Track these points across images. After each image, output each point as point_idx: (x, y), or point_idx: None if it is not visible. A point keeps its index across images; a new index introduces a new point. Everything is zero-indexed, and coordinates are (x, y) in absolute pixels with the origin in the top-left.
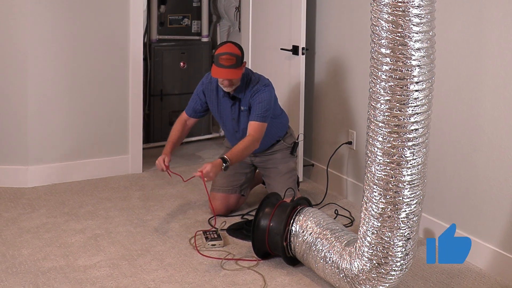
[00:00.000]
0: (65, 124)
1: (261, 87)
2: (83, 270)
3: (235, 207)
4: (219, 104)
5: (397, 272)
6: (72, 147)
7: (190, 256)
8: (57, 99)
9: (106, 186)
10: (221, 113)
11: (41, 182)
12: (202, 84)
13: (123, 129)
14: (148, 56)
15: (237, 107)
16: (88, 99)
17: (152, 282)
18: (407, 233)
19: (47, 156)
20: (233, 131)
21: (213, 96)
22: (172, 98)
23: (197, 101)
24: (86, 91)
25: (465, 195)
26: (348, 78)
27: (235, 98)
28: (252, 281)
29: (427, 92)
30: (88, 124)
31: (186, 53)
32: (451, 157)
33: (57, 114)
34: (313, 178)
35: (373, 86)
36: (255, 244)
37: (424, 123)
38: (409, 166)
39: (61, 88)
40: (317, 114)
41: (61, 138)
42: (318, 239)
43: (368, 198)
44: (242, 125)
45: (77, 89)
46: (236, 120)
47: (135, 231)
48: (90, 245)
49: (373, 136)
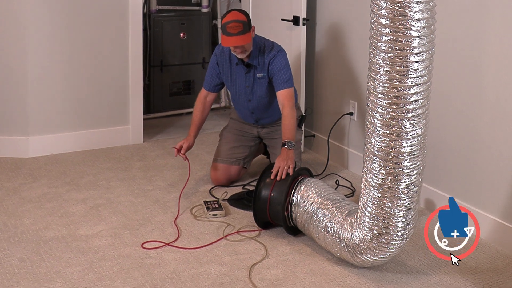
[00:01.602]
0: (66, 94)
1: (277, 52)
2: (85, 239)
3: (236, 177)
4: (232, 74)
5: (398, 241)
6: (72, 118)
7: (191, 225)
8: (57, 70)
9: (107, 156)
10: (234, 82)
11: (42, 152)
12: (215, 55)
13: (124, 99)
14: (148, 27)
15: (252, 75)
16: (88, 70)
17: (153, 251)
18: (407, 203)
19: (47, 126)
20: (246, 100)
21: (226, 66)
22: (172, 69)
23: (213, 74)
24: (86, 62)
25: (466, 165)
26: (350, 49)
27: (250, 66)
28: (254, 250)
29: (427, 63)
30: (88, 95)
31: (186, 23)
32: (452, 127)
33: (57, 85)
34: (314, 148)
35: (373, 57)
36: (256, 214)
37: (424, 94)
38: (409, 137)
39: (61, 59)
40: (318, 85)
41: (61, 109)
42: (319, 209)
43: (368, 169)
44: (257, 93)
45: (77, 60)
46: (250, 88)
47: (136, 201)
48: (92, 215)
49: (373, 108)
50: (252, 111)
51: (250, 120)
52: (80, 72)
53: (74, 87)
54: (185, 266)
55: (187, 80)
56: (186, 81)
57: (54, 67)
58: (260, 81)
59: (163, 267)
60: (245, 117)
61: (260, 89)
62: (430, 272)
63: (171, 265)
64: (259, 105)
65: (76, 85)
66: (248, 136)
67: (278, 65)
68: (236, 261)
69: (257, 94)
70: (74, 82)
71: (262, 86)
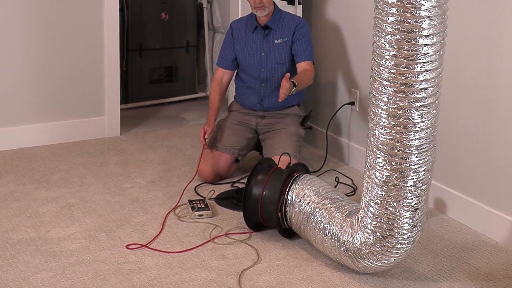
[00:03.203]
0: (34, 82)
1: (304, 23)
2: (56, 242)
3: (225, 171)
4: (247, 42)
5: (404, 245)
6: (42, 108)
7: (174, 227)
8: (23, 55)
9: (80, 150)
10: (248, 51)
11: (8, 146)
12: (230, 27)
13: (99, 88)
14: (125, 6)
15: (270, 40)
16: (58, 55)
17: (133, 256)
18: (414, 203)
19: (14, 117)
20: (259, 70)
21: (242, 34)
22: (153, 54)
23: (229, 47)
24: (56, 46)
25: (481, 161)
26: (351, 31)
27: (268, 28)
28: (244, 254)
29: (438, 47)
30: (59, 82)
31: (168, 2)
32: (466, 118)
33: (24, 71)
34: (311, 142)
35: (377, 40)
36: (246, 214)
37: (434, 81)
38: (417, 129)
39: (28, 43)
40: (316, 72)
41: (29, 98)
42: (316, 209)
43: (371, 165)
44: (273, 59)
45: (45, 44)
46: (266, 55)
47: (113, 200)
48: (64, 215)
49: (377, 96)
50: (263, 83)
51: (254, 101)
52: (49, 58)
53: (43, 73)
54: (167, 272)
55: (169, 66)
56: (168, 67)
57: (20, 52)
58: (278, 46)
59: (143, 273)
60: (249, 98)
61: (278, 55)
62: (440, 279)
63: (152, 271)
64: (273, 75)
65: (45, 71)
66: (247, 126)
67: (306, 36)
68: (224, 267)
69: (273, 61)
70: (42, 68)
71: (281, 51)
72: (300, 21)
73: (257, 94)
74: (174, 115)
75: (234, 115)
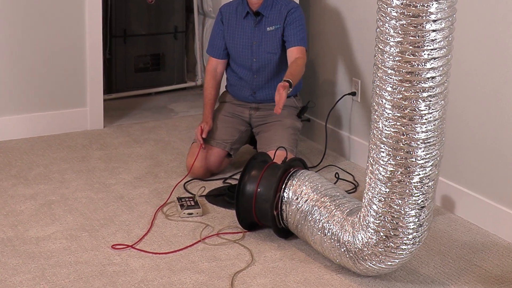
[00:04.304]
0: (10, 71)
1: (297, 7)
2: (35, 242)
3: (216, 166)
4: (237, 29)
5: (409, 246)
6: (19, 98)
7: (162, 226)
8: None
9: (60, 144)
10: (239, 39)
11: None
12: (220, 12)
13: (80, 77)
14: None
15: (261, 28)
16: (37, 41)
17: (117, 257)
18: (420, 200)
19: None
20: (250, 60)
21: (232, 20)
22: (138, 40)
23: (219, 34)
24: (34, 32)
25: (492, 156)
26: (353, 15)
27: (260, 15)
28: (237, 256)
29: (446, 32)
30: (37, 71)
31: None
32: (476, 109)
33: (0, 58)
34: (310, 135)
35: (381, 25)
36: (240, 213)
37: (443, 70)
38: (424, 121)
39: (3, 27)
40: (314, 59)
41: (5, 87)
42: (315, 207)
43: (374, 160)
44: (266, 48)
45: (22, 29)
46: (257, 44)
47: (96, 197)
48: (43, 214)
49: (381, 86)
50: (255, 74)
51: (247, 93)
52: (26, 44)
53: (21, 62)
54: (155, 274)
55: (156, 54)
56: (154, 54)
57: None
58: (270, 34)
59: (129, 275)
60: (241, 89)
61: (270, 44)
62: (448, 282)
63: (138, 273)
64: (265, 65)
65: (22, 59)
66: (239, 118)
67: (298, 20)
68: (216, 269)
69: (265, 51)
70: (20, 56)
71: (273, 40)
72: (293, 6)
73: (249, 86)
74: (162, 106)
75: (225, 107)
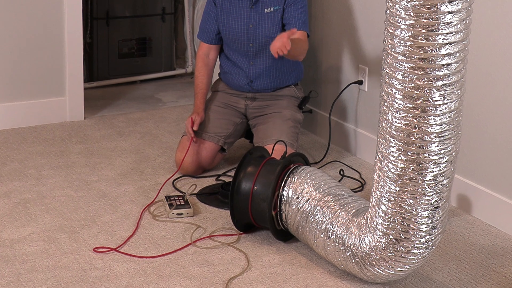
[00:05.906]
0: None
1: None
2: (9, 244)
3: (208, 162)
4: (232, 11)
5: (421, 250)
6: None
7: (149, 228)
8: None
9: (37, 137)
10: (234, 22)
11: None
12: None
13: (58, 63)
14: None
15: (258, 10)
16: (10, 25)
17: (100, 261)
18: (434, 200)
19: None
20: (247, 45)
21: (226, 1)
22: (122, 23)
23: (211, 17)
24: (8, 15)
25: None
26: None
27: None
28: (231, 260)
29: (463, 14)
30: (11, 57)
31: None
32: (495, 100)
33: None
34: (312, 128)
35: (391, 7)
36: (234, 213)
37: (459, 56)
38: (438, 112)
39: None
40: (317, 45)
41: None
42: (317, 208)
43: (383, 155)
44: (263, 32)
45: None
46: (254, 27)
47: (76, 195)
48: (18, 213)
49: (391, 74)
50: (252, 60)
51: (242, 81)
52: (0, 27)
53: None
54: (141, 280)
55: (142, 38)
56: (140, 38)
57: None
58: (269, 16)
59: (112, 281)
60: (236, 77)
61: (268, 27)
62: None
63: (122, 279)
64: (263, 51)
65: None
66: (234, 109)
67: (300, 2)
68: (208, 274)
69: (263, 34)
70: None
71: (272, 22)
72: None
73: (245, 74)
74: (148, 96)
75: (219, 96)
